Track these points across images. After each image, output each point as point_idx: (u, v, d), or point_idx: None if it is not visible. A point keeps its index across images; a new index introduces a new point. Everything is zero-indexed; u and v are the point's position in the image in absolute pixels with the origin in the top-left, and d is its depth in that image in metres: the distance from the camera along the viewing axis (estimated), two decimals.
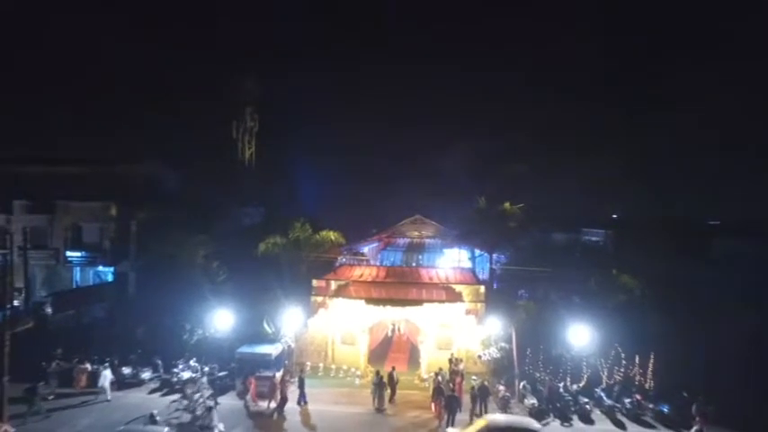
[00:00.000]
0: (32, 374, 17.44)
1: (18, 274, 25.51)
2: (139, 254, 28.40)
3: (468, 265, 30.78)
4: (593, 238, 30.29)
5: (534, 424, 14.21)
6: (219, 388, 17.91)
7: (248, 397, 17.11)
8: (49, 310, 25.20)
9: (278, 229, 25.61)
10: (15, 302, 24.05)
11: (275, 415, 16.29)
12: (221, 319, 19.38)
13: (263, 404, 16.86)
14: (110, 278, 30.20)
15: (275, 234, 24.63)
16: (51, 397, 17.19)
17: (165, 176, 33.12)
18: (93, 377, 18.03)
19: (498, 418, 14.84)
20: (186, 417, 15.15)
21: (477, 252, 30.87)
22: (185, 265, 23.83)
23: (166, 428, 13.19)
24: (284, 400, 16.62)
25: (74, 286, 29.93)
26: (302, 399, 17.08)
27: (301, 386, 17.21)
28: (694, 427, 15.20)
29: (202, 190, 33.83)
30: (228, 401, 17.34)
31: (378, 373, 17.91)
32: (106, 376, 17.35)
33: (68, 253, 29.30)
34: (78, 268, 30.44)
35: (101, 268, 30.65)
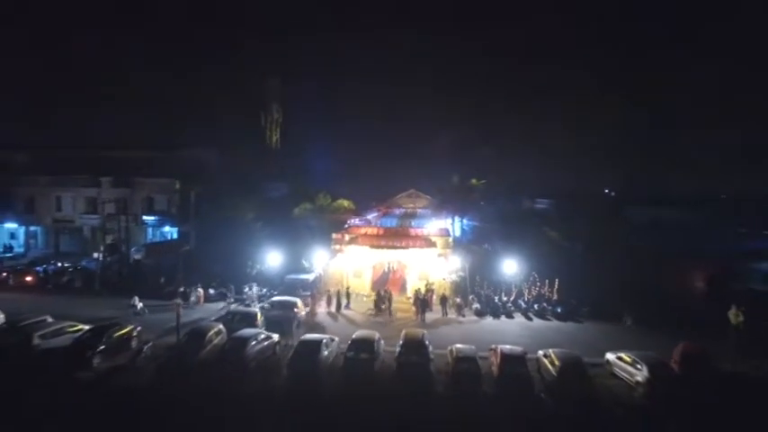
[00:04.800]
0: (149, 293, 27.16)
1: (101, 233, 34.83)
2: (198, 217, 37.67)
3: (448, 226, 40.03)
4: (542, 206, 39.58)
5: (295, 299, 23.99)
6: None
7: (313, 304, 26.37)
8: (138, 256, 34.79)
9: (303, 198, 34.93)
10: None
11: (337, 312, 25.99)
12: (272, 258, 28.86)
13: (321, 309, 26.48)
14: (175, 236, 39.68)
15: (303, 202, 33.96)
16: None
17: (211, 158, 42.15)
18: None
19: (276, 297, 24.89)
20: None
21: (458, 218, 40.10)
22: (239, 223, 33.19)
23: (257, 308, 22.70)
24: (339, 305, 26.36)
25: (148, 241, 39.45)
26: (347, 306, 26.81)
27: (348, 298, 27.00)
28: (626, 321, 24.48)
29: (239, 169, 42.94)
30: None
31: (378, 292, 27.46)
32: (254, 291, 26.89)
33: (144, 217, 38.67)
34: (151, 229, 39.89)
35: (167, 228, 40.10)
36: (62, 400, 15.17)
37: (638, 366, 16.80)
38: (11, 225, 40.44)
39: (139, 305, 24.83)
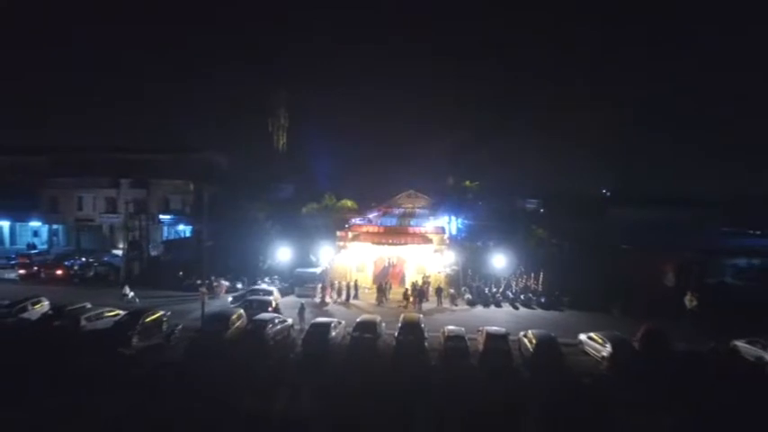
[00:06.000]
0: (168, 286, 29.90)
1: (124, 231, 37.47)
2: (211, 216, 40.16)
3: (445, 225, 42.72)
4: (531, 206, 42.35)
5: (271, 288, 27.50)
6: (283, 292, 30.14)
7: (324, 295, 29.04)
8: (156, 253, 37.44)
9: (310, 199, 37.61)
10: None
11: (347, 302, 28.63)
12: (282, 253, 31.58)
13: (331, 299, 29.14)
14: (188, 234, 42.35)
15: (310, 202, 36.65)
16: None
17: (222, 161, 44.91)
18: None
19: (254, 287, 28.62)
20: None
21: (453, 217, 42.79)
22: (251, 221, 35.87)
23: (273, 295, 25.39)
24: (348, 296, 28.93)
25: (163, 239, 42.11)
26: (356, 296, 29.47)
27: (356, 289, 29.64)
28: (613, 310, 26.98)
29: (248, 171, 45.70)
30: (291, 299, 29.44)
31: (380, 284, 30.16)
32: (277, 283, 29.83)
33: (161, 216, 41.33)
34: (166, 227, 42.58)
35: (181, 227, 42.79)
36: (111, 371, 17.84)
37: (604, 344, 19.52)
38: (35, 223, 43.18)
39: (130, 294, 27.36)
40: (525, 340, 20.27)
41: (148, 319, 21.55)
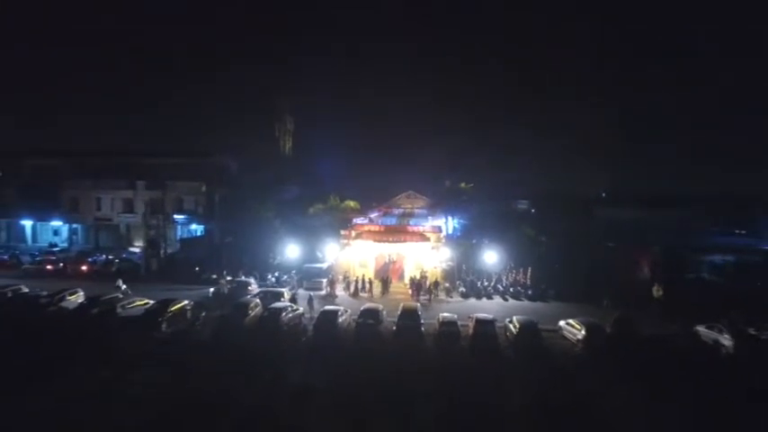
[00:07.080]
0: (185, 280, 32.46)
1: (141, 230, 40.06)
2: (222, 216, 42.90)
3: (442, 225, 45.32)
4: (522, 206, 44.99)
5: (249, 279, 30.60)
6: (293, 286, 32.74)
7: (332, 289, 31.56)
8: (171, 250, 40.01)
9: (315, 200, 40.23)
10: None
11: (356, 295, 31.25)
12: (291, 250, 34.19)
13: (340, 292, 31.75)
14: (200, 233, 44.96)
15: (316, 203, 39.30)
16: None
17: (232, 164, 47.51)
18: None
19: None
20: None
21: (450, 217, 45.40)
22: (261, 220, 38.51)
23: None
24: (356, 290, 31.57)
25: (178, 238, 44.70)
26: (363, 290, 31.99)
27: (363, 283, 32.18)
28: (605, 302, 29.26)
29: (256, 173, 48.28)
30: (300, 292, 31.94)
31: (382, 278, 32.79)
32: (294, 277, 32.45)
33: (175, 216, 43.89)
34: (180, 226, 45.16)
35: (194, 226, 45.39)
36: (147, 351, 20.40)
37: (580, 329, 22.13)
38: (56, 223, 45.83)
39: (123, 287, 29.43)
40: (510, 325, 22.89)
41: (174, 308, 24.13)
